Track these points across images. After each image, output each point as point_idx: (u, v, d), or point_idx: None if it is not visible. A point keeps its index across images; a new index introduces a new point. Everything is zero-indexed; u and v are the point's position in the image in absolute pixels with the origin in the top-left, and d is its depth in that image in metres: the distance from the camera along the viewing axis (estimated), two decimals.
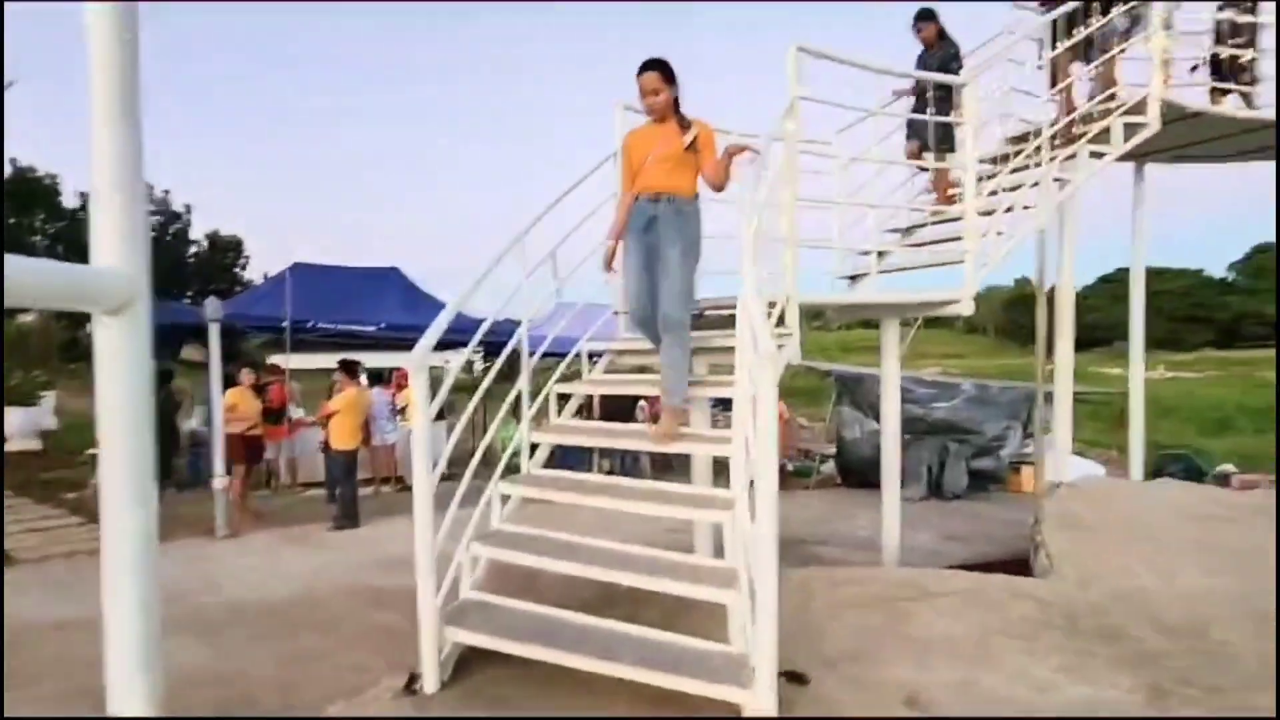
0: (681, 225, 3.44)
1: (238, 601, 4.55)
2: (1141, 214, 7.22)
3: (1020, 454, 9.70)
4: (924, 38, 5.39)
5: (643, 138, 3.60)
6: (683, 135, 3.44)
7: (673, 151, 3.45)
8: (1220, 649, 3.02)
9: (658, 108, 3.48)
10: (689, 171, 3.51)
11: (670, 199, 3.46)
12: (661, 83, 3.43)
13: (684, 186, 3.50)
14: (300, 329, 8.96)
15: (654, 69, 3.43)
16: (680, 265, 3.38)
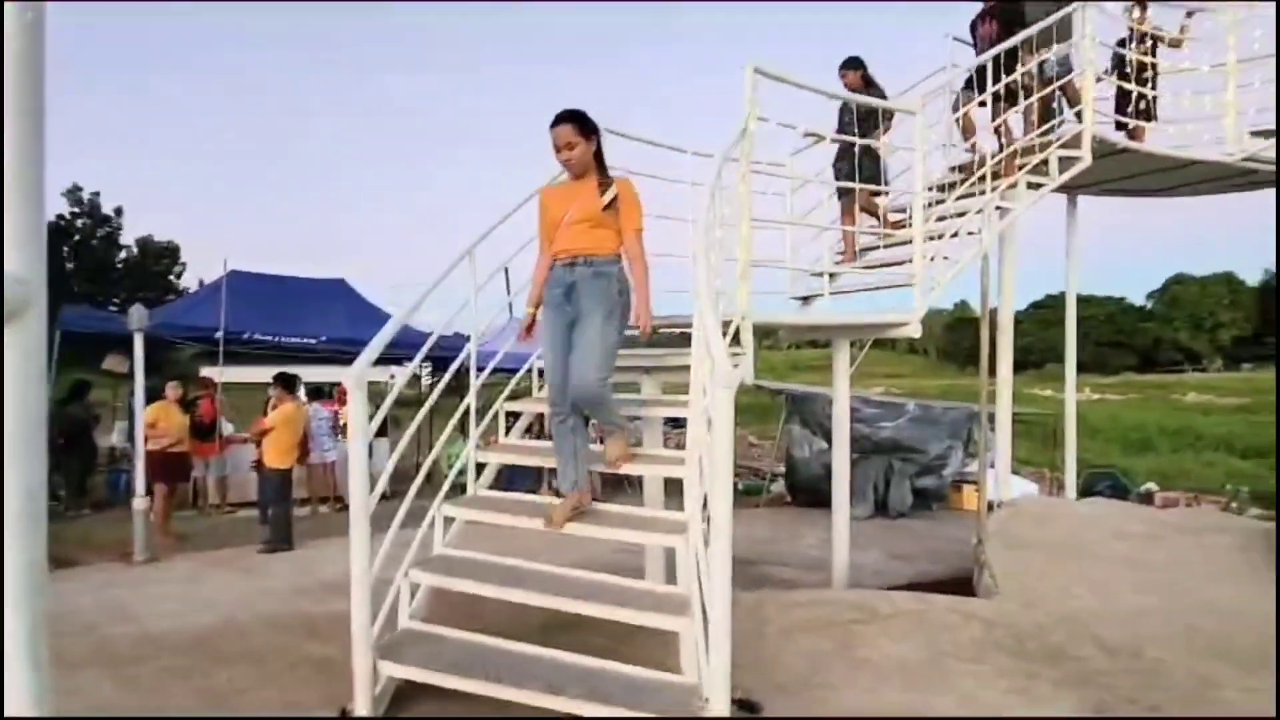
0: (603, 289, 3.09)
1: (154, 632, 4.21)
2: (1074, 243, 7.57)
3: (961, 473, 9.97)
4: (848, 84, 5.46)
5: (559, 196, 3.26)
6: (602, 194, 3.12)
7: (591, 212, 3.12)
8: (1157, 667, 3.10)
9: (573, 164, 3.15)
10: (609, 231, 3.16)
11: (588, 261, 3.13)
12: (577, 136, 3.10)
13: (604, 247, 3.15)
14: (235, 340, 8.53)
15: (567, 121, 3.09)
16: (601, 333, 3.04)
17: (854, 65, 5.53)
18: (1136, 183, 6.84)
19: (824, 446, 9.53)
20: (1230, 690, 2.87)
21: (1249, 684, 2.93)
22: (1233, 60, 5.96)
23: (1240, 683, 2.94)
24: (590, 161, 3.18)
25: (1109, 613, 3.77)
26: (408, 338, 5.07)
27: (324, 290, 10.38)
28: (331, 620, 4.18)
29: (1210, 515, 8.46)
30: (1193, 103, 6.14)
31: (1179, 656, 3.19)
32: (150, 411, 6.71)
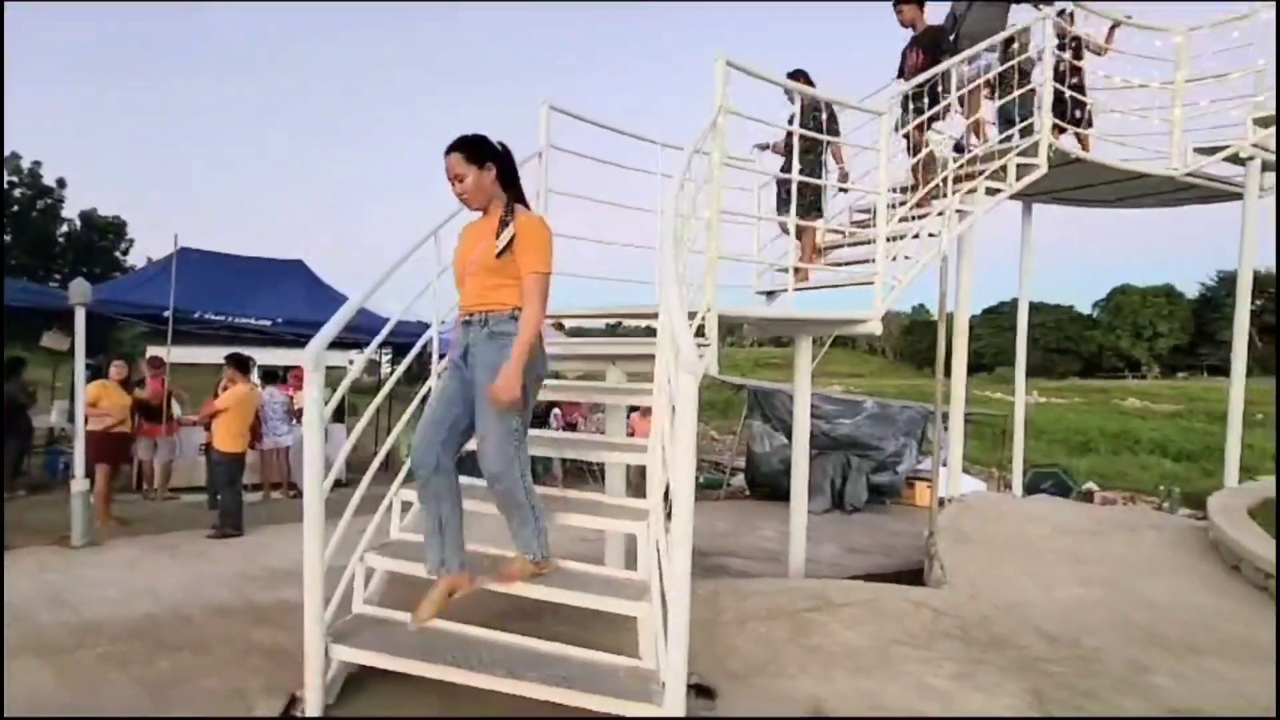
0: (496, 353, 2.61)
1: (92, 619, 4.04)
2: (1028, 250, 7.82)
3: (915, 469, 10.24)
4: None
5: (470, 236, 2.83)
6: (498, 235, 2.64)
7: (485, 259, 2.65)
8: (1093, 656, 3.23)
9: (467, 198, 2.75)
10: (508, 281, 2.66)
11: (483, 320, 2.68)
12: (465, 165, 2.68)
13: (501, 301, 2.67)
14: (185, 319, 8.22)
15: (453, 150, 2.70)
16: (497, 412, 2.57)
17: None
18: (1088, 193, 7.10)
19: (784, 442, 9.68)
20: (1161, 677, 3.02)
21: (1178, 670, 3.08)
22: (1180, 79, 6.23)
23: (1170, 669, 3.09)
24: (490, 193, 2.74)
25: (1050, 603, 3.93)
26: (367, 323, 4.98)
27: (281, 271, 10.06)
28: (281, 607, 4.08)
29: (1146, 514, 8.87)
30: (1141, 119, 6.41)
31: (1114, 644, 3.34)
32: (91, 390, 6.43)
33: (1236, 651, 3.30)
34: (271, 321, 8.84)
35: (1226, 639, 3.45)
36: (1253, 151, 6.14)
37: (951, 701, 2.77)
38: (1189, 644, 3.38)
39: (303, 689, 2.61)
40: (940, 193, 5.05)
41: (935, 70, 4.98)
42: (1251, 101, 6.18)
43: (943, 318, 5.51)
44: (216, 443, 6.31)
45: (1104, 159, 6.13)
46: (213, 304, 8.56)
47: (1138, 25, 6.27)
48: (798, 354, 5.15)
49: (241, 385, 6.51)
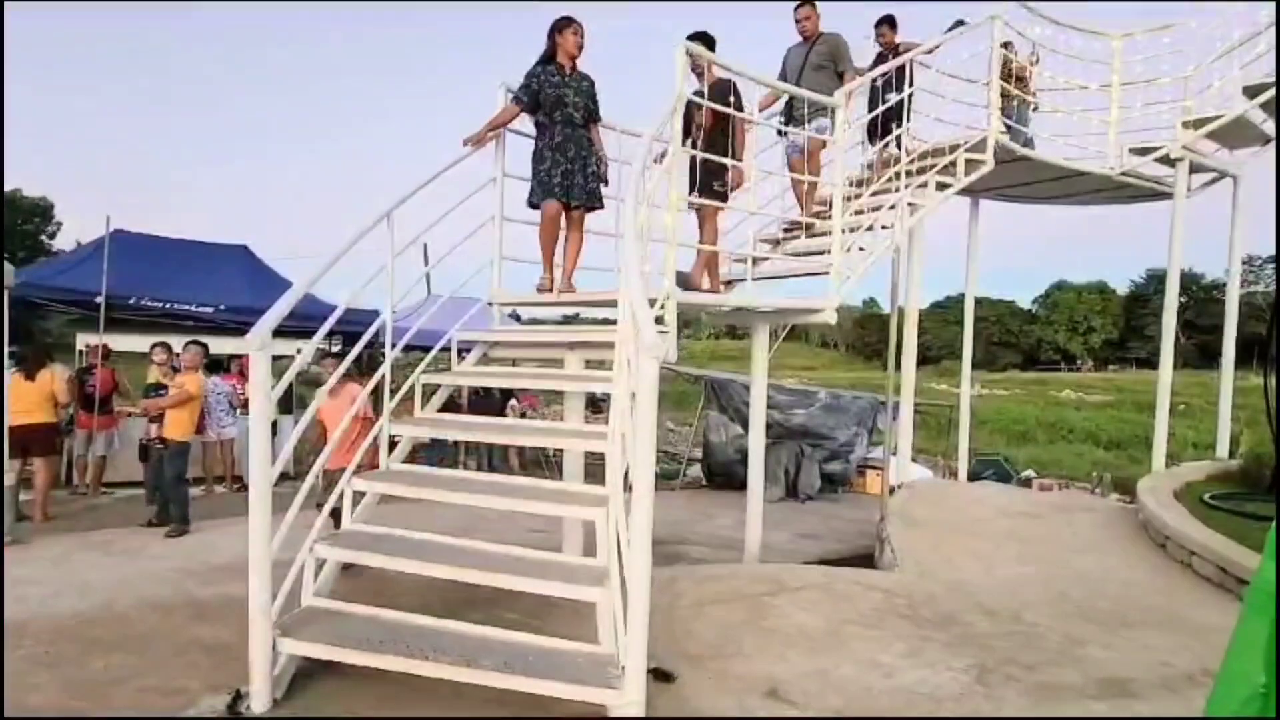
0: None
1: (15, 618, 3.83)
2: (975, 245, 8.08)
3: (866, 458, 10.50)
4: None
5: None
6: None
7: None
8: (1032, 630, 3.38)
9: None
10: None
11: None
12: None
13: None
14: (119, 305, 7.80)
15: None
16: None
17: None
18: (1031, 190, 7.38)
19: (739, 432, 9.80)
20: (1094, 648, 3.17)
21: (1109, 642, 3.25)
22: (1116, 83, 6.51)
23: (1102, 641, 3.25)
24: None
25: (993, 581, 4.09)
26: (316, 310, 4.81)
27: (223, 256, 9.63)
28: (223, 603, 3.93)
29: (1080, 497, 9.32)
30: (1082, 119, 6.68)
31: (1052, 620, 3.50)
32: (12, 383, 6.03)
33: (1163, 623, 3.49)
34: (213, 308, 8.47)
35: (1154, 612, 3.66)
36: (1182, 153, 6.46)
37: (901, 677, 2.85)
38: (1120, 617, 3.57)
39: (248, 684, 2.52)
40: (893, 187, 5.17)
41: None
42: (1181, 105, 6.50)
43: (894, 309, 5.66)
44: (172, 432, 5.95)
45: (1047, 156, 6.37)
46: (149, 289, 8.15)
47: (1077, 29, 6.52)
48: (754, 344, 5.21)
49: (200, 372, 6.25)
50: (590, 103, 4.25)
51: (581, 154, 4.19)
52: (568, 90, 4.17)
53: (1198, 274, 47.49)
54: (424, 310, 4.49)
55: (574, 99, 4.16)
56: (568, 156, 4.15)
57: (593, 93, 4.27)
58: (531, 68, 4.22)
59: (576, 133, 4.18)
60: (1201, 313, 42.48)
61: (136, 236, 8.99)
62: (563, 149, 4.14)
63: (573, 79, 4.22)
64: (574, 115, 4.17)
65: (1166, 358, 6.86)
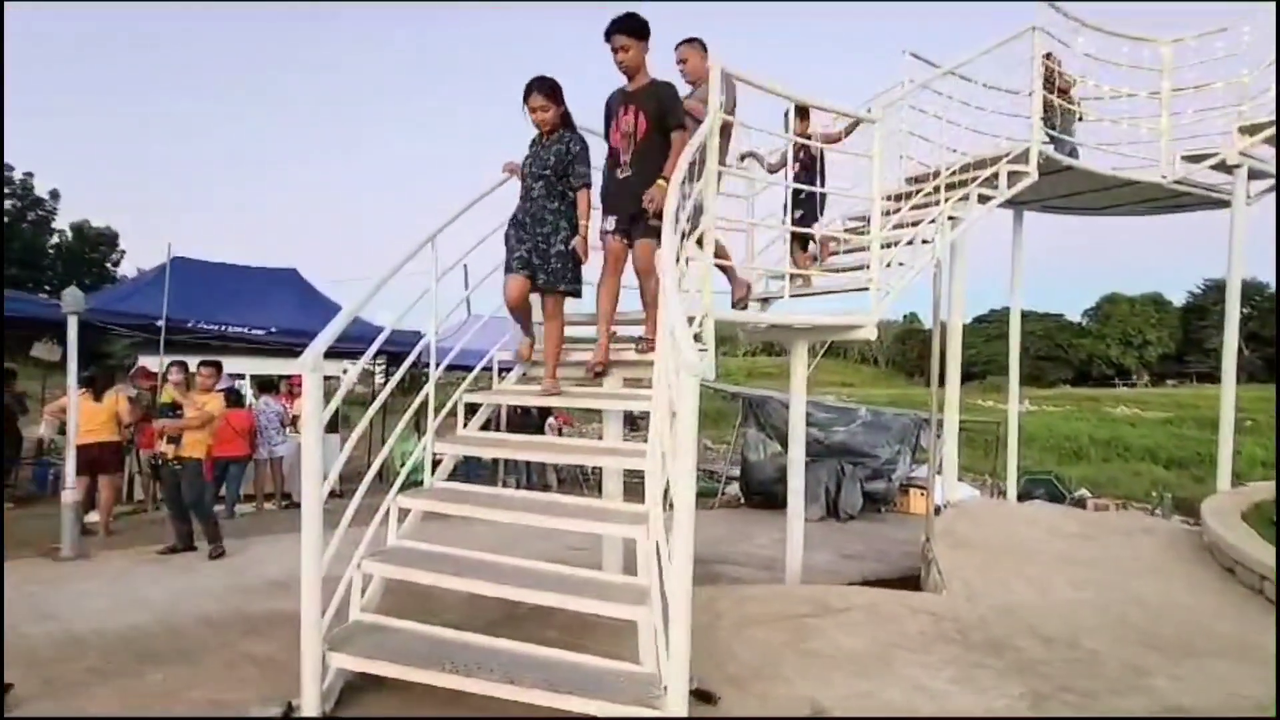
0: None
1: (78, 631, 3.99)
2: (1019, 258, 7.89)
3: (909, 477, 10.25)
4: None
5: None
6: None
7: None
8: (1090, 657, 3.24)
9: None
10: None
11: None
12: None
13: None
14: (178, 329, 8.17)
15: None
16: None
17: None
18: (1077, 201, 7.18)
19: (778, 449, 9.68)
20: (1159, 678, 3.02)
21: (1176, 672, 3.09)
22: (1167, 88, 6.33)
23: (1168, 670, 3.10)
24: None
25: (1047, 606, 3.94)
26: (362, 332, 4.96)
27: (274, 280, 10.02)
28: (273, 618, 4.03)
29: (1139, 518, 8.92)
30: (1131, 127, 6.50)
31: (1111, 646, 3.35)
32: (61, 402, 6.24)
33: (1233, 652, 3.31)
34: (265, 331, 8.80)
35: (1222, 640, 3.47)
36: (1240, 159, 6.23)
37: (952, 704, 2.76)
38: (1185, 645, 3.40)
39: (299, 697, 2.58)
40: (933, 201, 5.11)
41: None
42: (1237, 110, 6.28)
43: (937, 324, 5.55)
44: (189, 451, 5.76)
45: (1093, 166, 6.21)
46: (205, 313, 8.51)
47: (1125, 36, 6.37)
48: (793, 361, 5.17)
49: (216, 393, 6.22)
50: (557, 169, 3.66)
51: (543, 230, 3.66)
52: (531, 161, 3.75)
53: (1261, 283, 45.33)
54: (465, 330, 4.58)
55: (533, 168, 3.71)
56: (529, 233, 3.68)
57: (568, 156, 3.67)
58: None
59: (537, 206, 3.68)
60: (1266, 324, 40.48)
61: (194, 263, 9.41)
62: (522, 225, 3.70)
63: (544, 146, 3.72)
64: (532, 187, 3.71)
65: (1229, 371, 6.56)
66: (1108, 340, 57.00)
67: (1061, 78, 6.14)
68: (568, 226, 3.67)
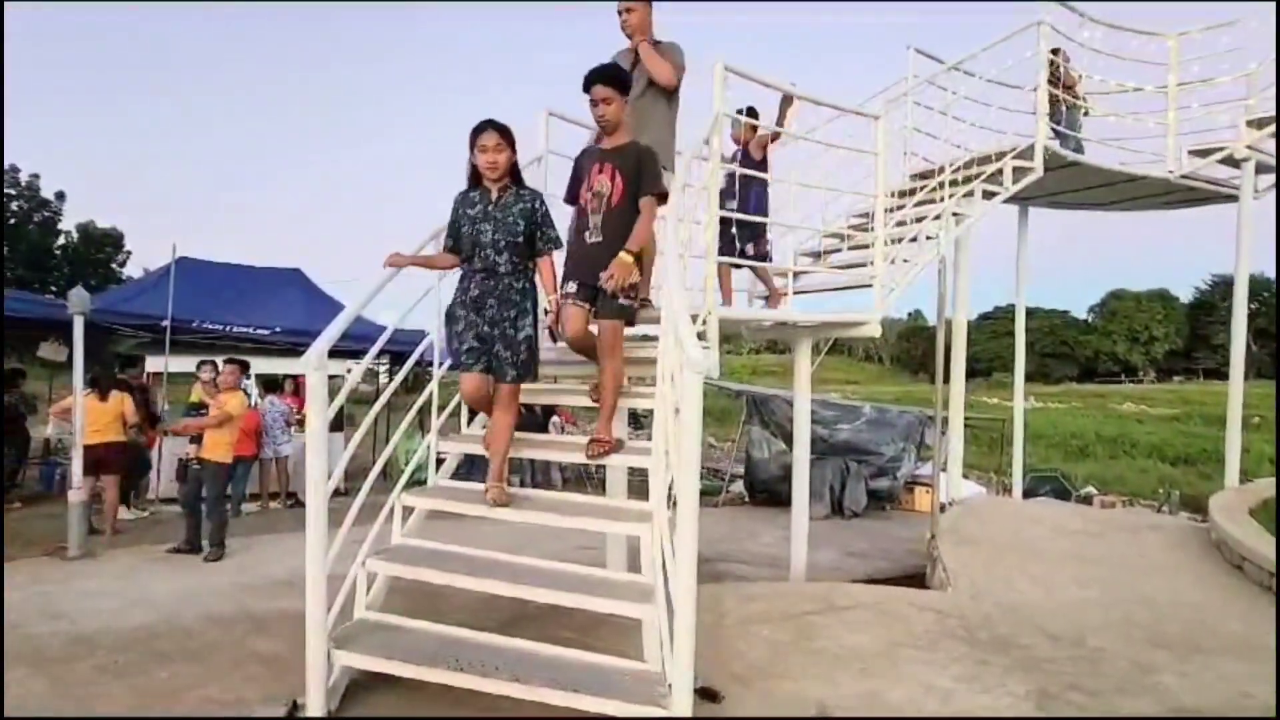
0: None
1: (87, 630, 4.01)
2: (1025, 254, 7.85)
3: (914, 474, 10.22)
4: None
5: None
6: None
7: None
8: (1097, 655, 3.22)
9: None
10: None
11: None
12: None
13: None
14: (183, 329, 8.20)
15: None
16: None
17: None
18: (1083, 197, 7.15)
19: (782, 448, 9.67)
20: (1166, 676, 3.01)
21: (1183, 669, 3.07)
22: (1173, 83, 6.29)
23: (1175, 668, 3.08)
24: None
25: (1053, 604, 3.92)
26: (365, 331, 4.96)
27: (278, 280, 10.04)
28: (280, 616, 4.04)
29: (1146, 515, 8.88)
30: (1136, 122, 6.46)
31: (1118, 644, 3.33)
32: (66, 400, 6.29)
33: (1241, 650, 3.29)
34: (269, 330, 8.82)
35: (1230, 637, 3.45)
36: (1247, 153, 6.19)
37: (958, 702, 2.75)
38: (1193, 643, 3.38)
39: (304, 695, 2.58)
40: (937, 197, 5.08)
41: None
42: (1244, 104, 6.23)
43: (941, 321, 5.53)
44: (210, 453, 5.79)
45: (1099, 161, 6.18)
46: (210, 313, 8.54)
47: (1131, 30, 6.34)
48: (797, 358, 5.16)
49: (240, 392, 6.27)
50: (523, 235, 3.12)
51: (506, 314, 3.09)
52: (487, 225, 3.10)
53: (1268, 278, 45.03)
54: None
55: (495, 236, 3.09)
56: (484, 316, 3.08)
57: (534, 217, 3.15)
58: None
59: (503, 284, 3.10)
60: (1273, 320, 40.22)
61: (199, 263, 9.45)
62: (478, 305, 3.09)
63: (500, 205, 3.13)
64: (495, 260, 3.09)
65: (1237, 367, 6.52)
66: (1114, 336, 56.73)
67: (1067, 73, 6.11)
68: (533, 306, 3.21)
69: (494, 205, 3.14)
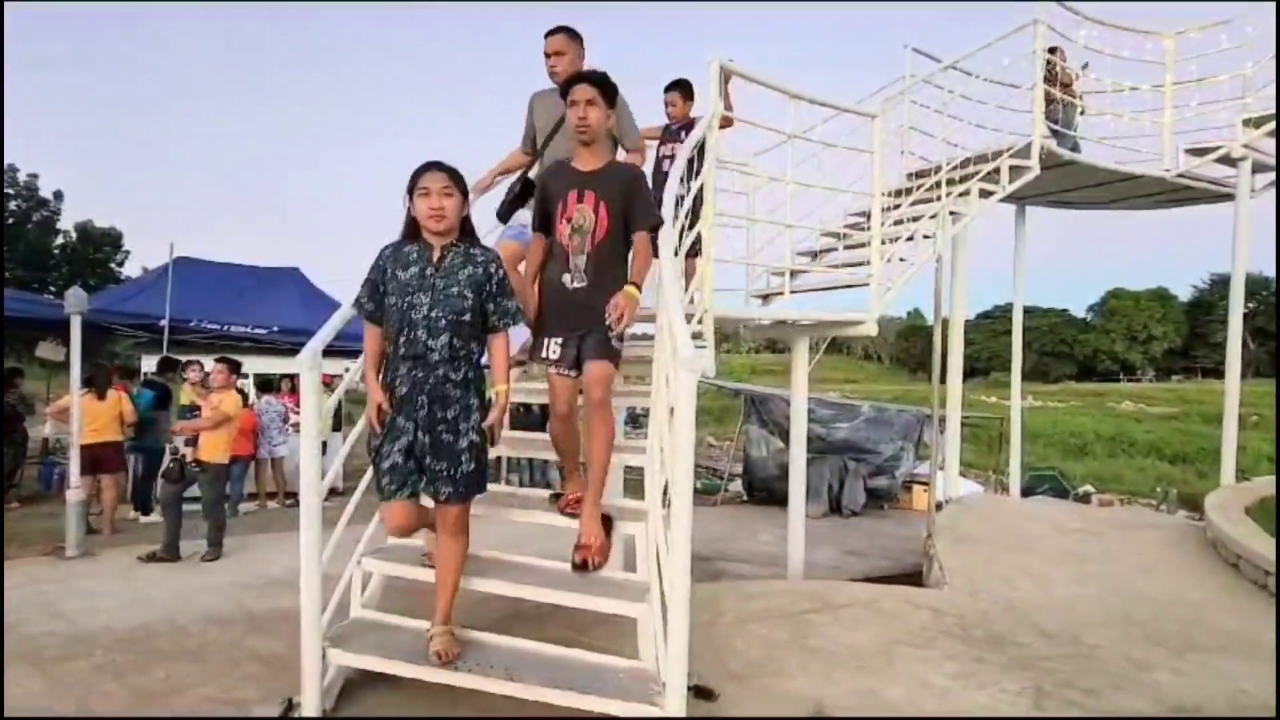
0: None
1: (85, 630, 4.01)
2: (1023, 253, 7.86)
3: (913, 473, 10.23)
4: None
5: None
6: None
7: None
8: (1092, 653, 3.23)
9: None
10: None
11: None
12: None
13: None
14: (181, 329, 8.20)
15: None
16: None
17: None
18: (1080, 195, 7.15)
19: (781, 446, 9.67)
20: (1162, 673, 3.02)
21: (1179, 667, 3.08)
22: (1170, 82, 6.29)
23: (1171, 666, 3.09)
24: None
25: (1049, 602, 3.93)
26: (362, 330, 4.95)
27: (276, 279, 10.04)
28: (276, 615, 4.05)
29: (1143, 514, 8.89)
30: (1133, 121, 6.46)
31: (1114, 642, 3.34)
32: (65, 399, 6.28)
33: (1236, 647, 3.30)
34: (267, 330, 8.82)
35: (1226, 635, 3.46)
36: (1244, 152, 6.19)
37: (953, 699, 2.76)
38: (1189, 640, 3.39)
39: (299, 694, 2.59)
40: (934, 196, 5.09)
41: None
42: (1241, 103, 6.24)
43: (939, 320, 5.54)
44: (208, 455, 5.66)
45: (1096, 161, 6.18)
46: (208, 313, 8.54)
47: (1128, 29, 6.34)
48: (794, 357, 5.16)
49: (234, 392, 6.19)
50: (470, 311, 2.40)
51: (443, 415, 2.37)
52: (424, 297, 2.37)
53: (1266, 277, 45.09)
54: None
55: (433, 313, 2.36)
56: (416, 420, 2.37)
57: (487, 286, 2.44)
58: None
59: (433, 376, 2.36)
60: (1271, 318, 40.27)
61: (197, 262, 9.45)
62: (410, 408, 2.37)
63: (444, 270, 2.41)
64: (429, 346, 2.35)
65: (1233, 366, 6.53)
66: (1112, 335, 56.77)
67: (1064, 72, 6.11)
68: (480, 398, 2.45)
69: (435, 269, 2.40)
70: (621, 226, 2.72)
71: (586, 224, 2.71)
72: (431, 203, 2.39)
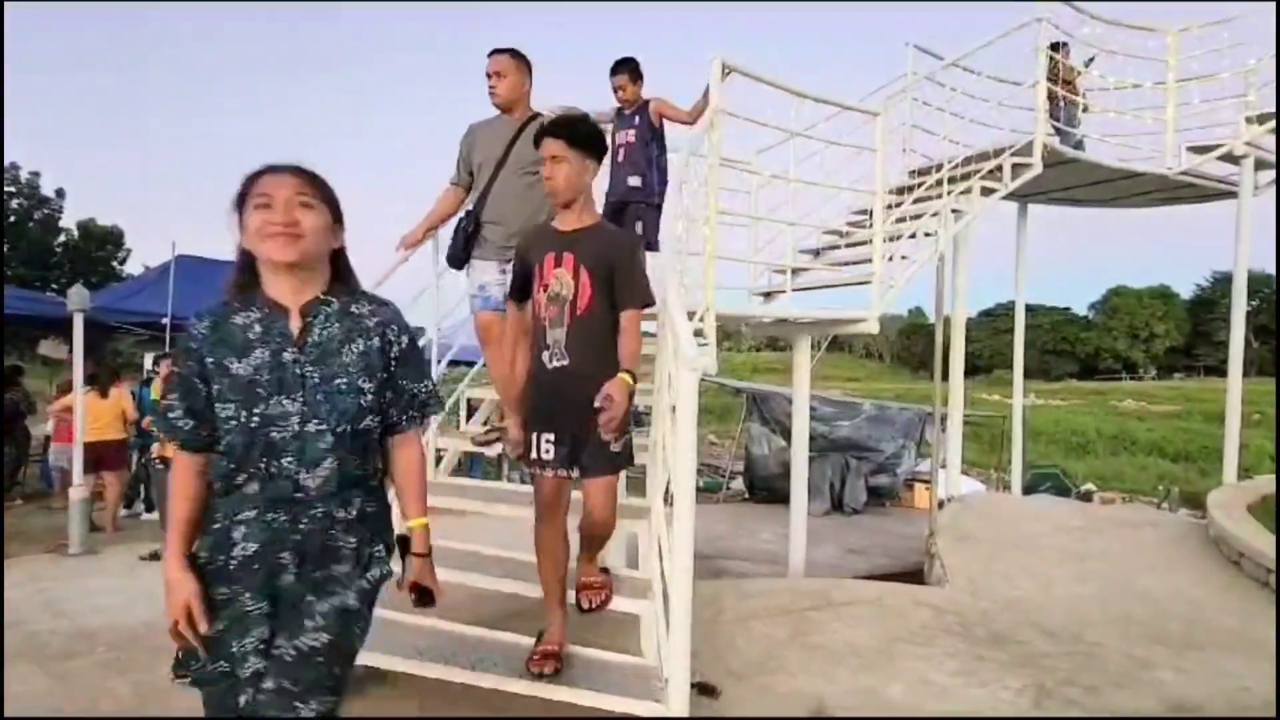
0: None
1: (88, 627, 4.02)
2: (1024, 250, 7.85)
3: (914, 471, 10.24)
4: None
5: None
6: None
7: None
8: (1094, 650, 3.24)
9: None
10: None
11: None
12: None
13: None
14: (183, 326, 8.20)
15: None
16: None
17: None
18: (1082, 193, 7.14)
19: (783, 444, 9.68)
20: (1163, 671, 3.02)
21: (1180, 665, 3.08)
22: (1172, 79, 6.28)
23: (1172, 664, 3.09)
24: None
25: (1050, 600, 3.93)
26: None
27: None
28: None
29: (1145, 512, 8.88)
30: (1135, 118, 6.45)
31: (1115, 640, 3.34)
32: (68, 398, 6.29)
33: (1238, 646, 3.30)
34: None
35: (1228, 633, 3.46)
36: (1246, 150, 6.18)
37: (954, 697, 2.76)
38: (1190, 638, 3.39)
39: None
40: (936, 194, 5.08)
41: None
42: (1243, 100, 6.22)
43: (940, 318, 5.53)
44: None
45: (1098, 158, 6.17)
46: None
47: (1130, 26, 6.32)
48: (796, 355, 5.16)
49: None
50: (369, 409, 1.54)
51: (313, 574, 1.51)
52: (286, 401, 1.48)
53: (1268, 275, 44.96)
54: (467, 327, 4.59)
55: (311, 425, 1.48)
56: (276, 586, 1.52)
57: (386, 365, 1.58)
58: None
59: (304, 518, 1.51)
60: (1273, 316, 40.16)
61: (198, 260, 9.44)
62: (261, 567, 1.51)
63: (319, 349, 1.52)
64: (299, 475, 1.48)
65: (1236, 364, 6.52)
66: (1114, 333, 56.68)
67: (1066, 69, 6.10)
68: (385, 548, 1.69)
69: (299, 350, 1.50)
70: (606, 298, 2.32)
71: (565, 291, 2.32)
72: (271, 217, 1.45)
